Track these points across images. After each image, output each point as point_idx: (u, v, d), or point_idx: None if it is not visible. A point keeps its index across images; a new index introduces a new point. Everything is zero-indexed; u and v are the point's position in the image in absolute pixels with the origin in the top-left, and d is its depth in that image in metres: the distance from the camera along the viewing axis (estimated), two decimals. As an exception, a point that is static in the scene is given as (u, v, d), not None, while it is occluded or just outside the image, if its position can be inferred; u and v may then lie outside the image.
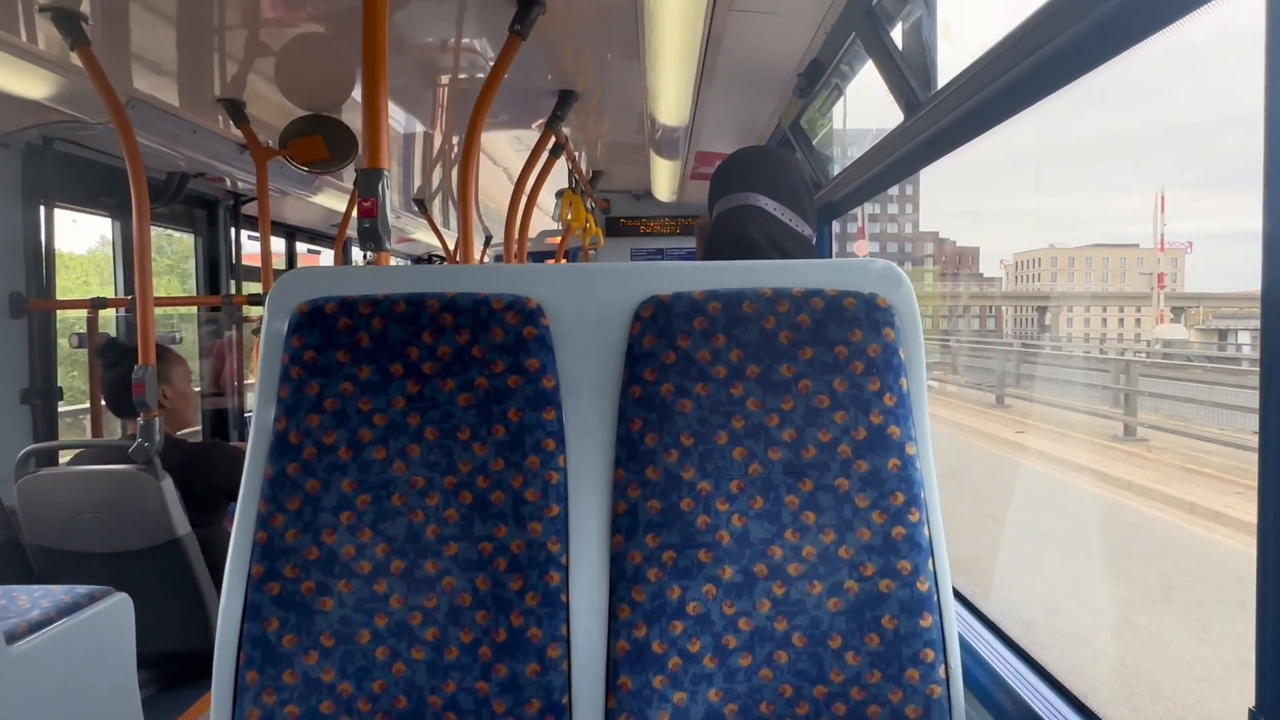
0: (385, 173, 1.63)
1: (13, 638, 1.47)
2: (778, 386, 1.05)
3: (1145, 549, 8.46)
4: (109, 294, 3.61)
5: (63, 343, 3.17)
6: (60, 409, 3.05)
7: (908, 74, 1.62)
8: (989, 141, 1.42)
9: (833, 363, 1.05)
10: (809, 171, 2.69)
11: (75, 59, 2.18)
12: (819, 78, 2.47)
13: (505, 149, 4.17)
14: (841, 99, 2.76)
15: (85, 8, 2.09)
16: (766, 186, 1.42)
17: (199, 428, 4.10)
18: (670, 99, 2.85)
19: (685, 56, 2.38)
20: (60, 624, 1.58)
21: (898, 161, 1.74)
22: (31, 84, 2.39)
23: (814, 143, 2.91)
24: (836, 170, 2.52)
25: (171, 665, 2.35)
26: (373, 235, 1.61)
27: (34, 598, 1.62)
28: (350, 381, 1.07)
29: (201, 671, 2.32)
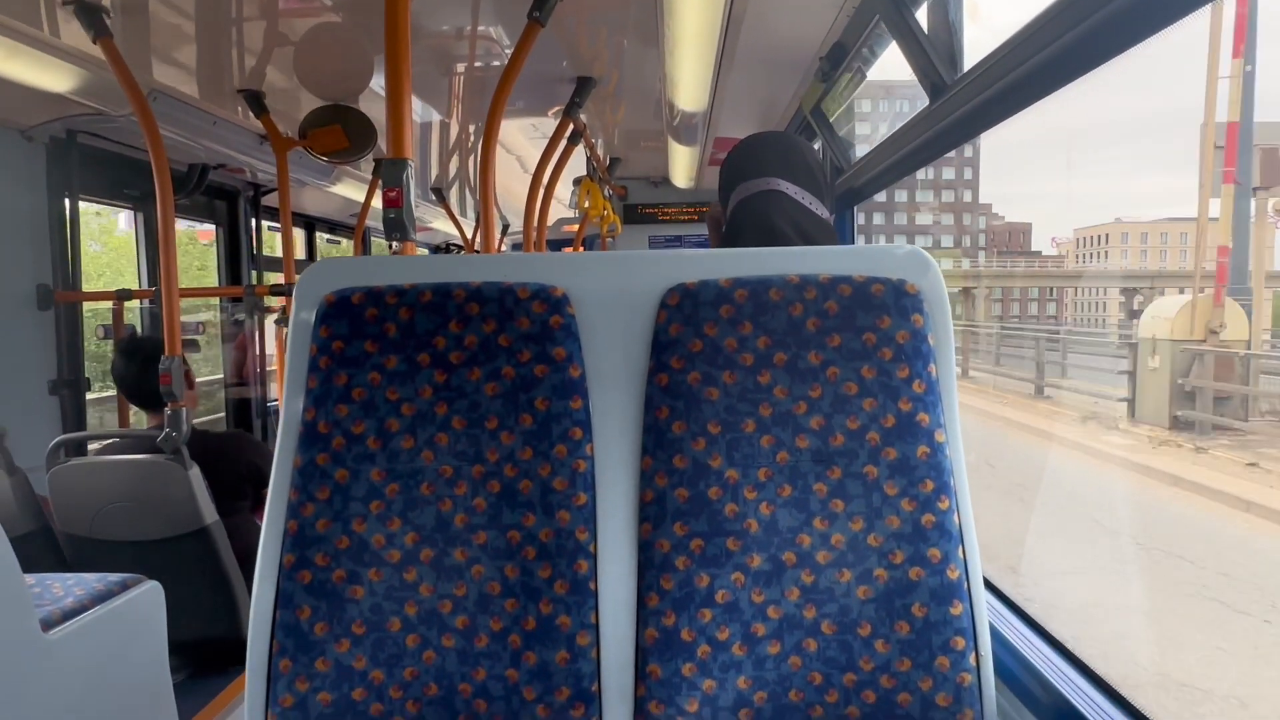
0: (410, 163, 1.63)
1: (48, 625, 1.50)
2: (805, 374, 1.05)
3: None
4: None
5: (93, 339, 3.21)
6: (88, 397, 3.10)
7: (933, 57, 1.60)
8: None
9: (861, 349, 1.04)
10: (831, 156, 2.67)
11: (97, 52, 2.19)
12: (841, 61, 2.44)
13: (522, 137, 4.17)
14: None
15: (106, 0, 2.10)
16: (787, 171, 1.41)
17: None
18: (689, 84, 2.82)
19: (704, 40, 2.36)
20: (94, 611, 1.60)
21: (922, 146, 1.72)
22: (55, 77, 2.41)
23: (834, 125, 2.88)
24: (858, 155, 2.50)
25: (202, 651, 2.38)
26: (398, 225, 1.62)
27: (68, 586, 1.65)
28: (378, 371, 1.08)
29: (231, 658, 2.37)
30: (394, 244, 1.68)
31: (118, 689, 1.67)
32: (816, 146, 2.82)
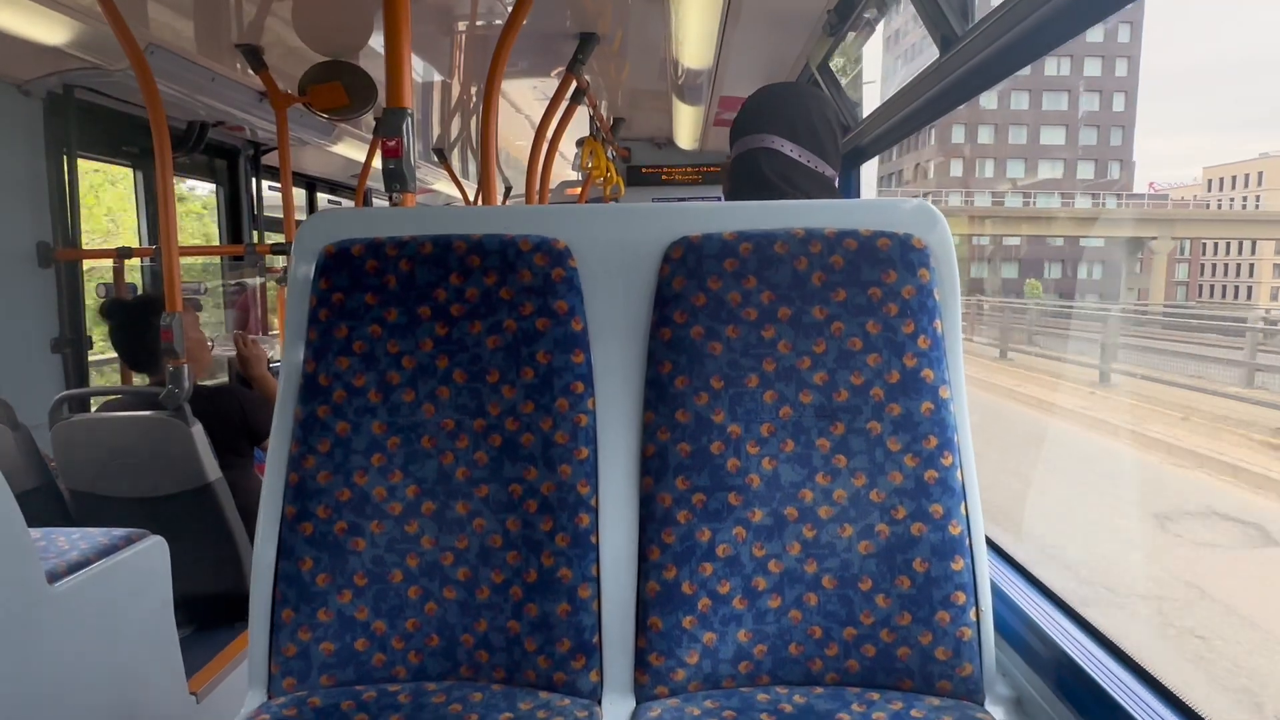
0: (409, 112, 1.61)
1: (54, 577, 1.51)
2: (809, 329, 1.04)
3: None
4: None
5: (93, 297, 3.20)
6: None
7: (944, 6, 1.56)
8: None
9: (866, 304, 1.03)
10: (838, 114, 2.63)
11: (93, 4, 2.15)
12: (850, 14, 2.39)
13: (525, 97, 4.11)
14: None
15: None
16: (781, 127, 1.40)
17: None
18: (694, 41, 2.77)
19: (711, -6, 2.32)
20: (98, 564, 1.61)
21: (931, 100, 1.68)
22: (51, 29, 2.37)
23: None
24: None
25: (206, 606, 2.41)
26: (398, 176, 1.60)
27: (73, 539, 1.66)
28: (378, 324, 1.07)
29: (235, 613, 2.40)
30: (394, 196, 1.66)
31: (123, 641, 1.68)
32: None
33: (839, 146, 1.45)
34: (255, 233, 4.33)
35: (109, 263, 3.13)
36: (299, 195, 5.10)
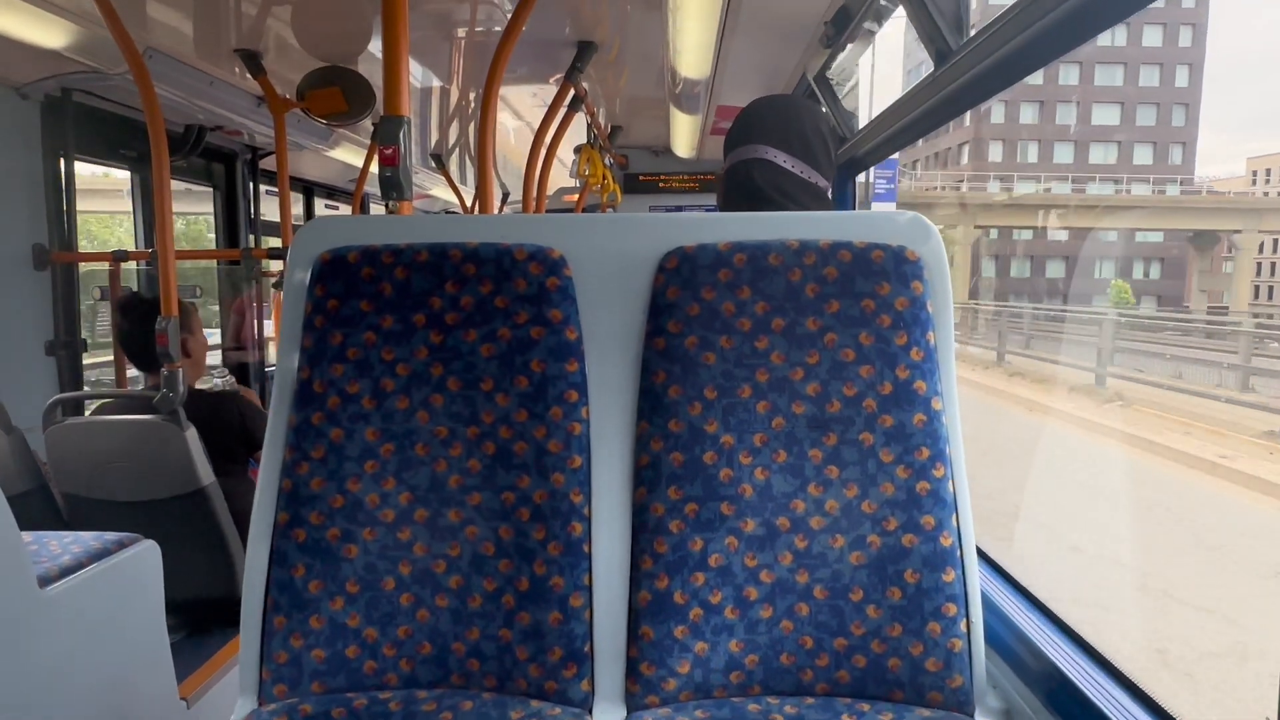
0: (407, 120, 1.61)
1: (45, 581, 1.50)
2: (803, 339, 1.04)
3: None
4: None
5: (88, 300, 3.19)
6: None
7: (939, 21, 1.57)
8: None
9: (859, 316, 1.04)
10: (832, 123, 2.64)
11: (93, 7, 2.16)
12: (846, 26, 2.40)
13: (523, 103, 4.12)
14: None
15: None
16: (774, 138, 1.41)
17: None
18: (692, 50, 2.79)
19: (708, 4, 2.32)
20: (90, 569, 1.61)
21: (927, 113, 1.69)
22: (49, 33, 2.37)
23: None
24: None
25: (199, 611, 2.40)
26: (394, 184, 1.61)
27: (65, 543, 1.66)
28: (373, 331, 1.07)
29: (228, 618, 2.39)
30: (390, 204, 1.67)
31: (115, 646, 1.68)
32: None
33: (832, 157, 1.47)
34: (252, 237, 4.34)
35: (104, 266, 3.13)
36: (296, 200, 5.10)
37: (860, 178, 2.50)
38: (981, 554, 1.27)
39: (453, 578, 1.06)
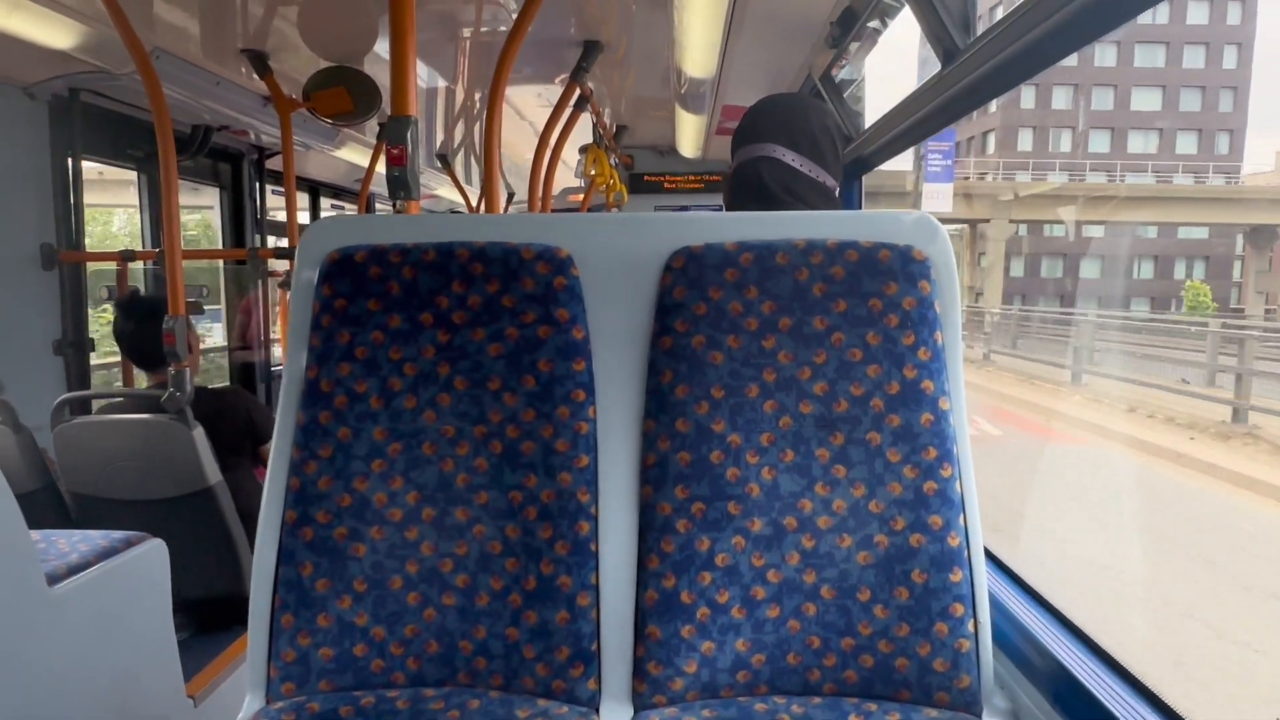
0: (414, 119, 1.61)
1: (54, 579, 1.51)
2: (810, 339, 1.04)
3: None
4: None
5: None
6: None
7: (946, 20, 1.57)
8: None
9: (866, 315, 1.04)
10: (840, 125, 2.63)
11: (100, 8, 2.17)
12: (853, 26, 2.40)
13: (529, 103, 4.13)
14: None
15: None
16: (782, 136, 1.41)
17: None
18: (697, 49, 2.79)
19: (714, 4, 2.33)
20: (98, 567, 1.62)
21: (934, 112, 1.69)
22: (57, 33, 2.38)
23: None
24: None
25: (206, 610, 2.41)
26: (402, 184, 1.61)
27: (73, 542, 1.66)
28: (381, 330, 1.07)
29: (235, 616, 2.40)
30: (398, 204, 1.67)
31: (122, 644, 1.68)
32: None
33: (840, 156, 1.47)
34: (258, 237, 4.35)
35: (112, 266, 3.14)
36: (302, 200, 5.11)
37: (909, 155, 2.49)
38: (989, 554, 1.27)
39: (460, 576, 1.06)
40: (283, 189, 3.27)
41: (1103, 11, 1.06)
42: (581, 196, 5.43)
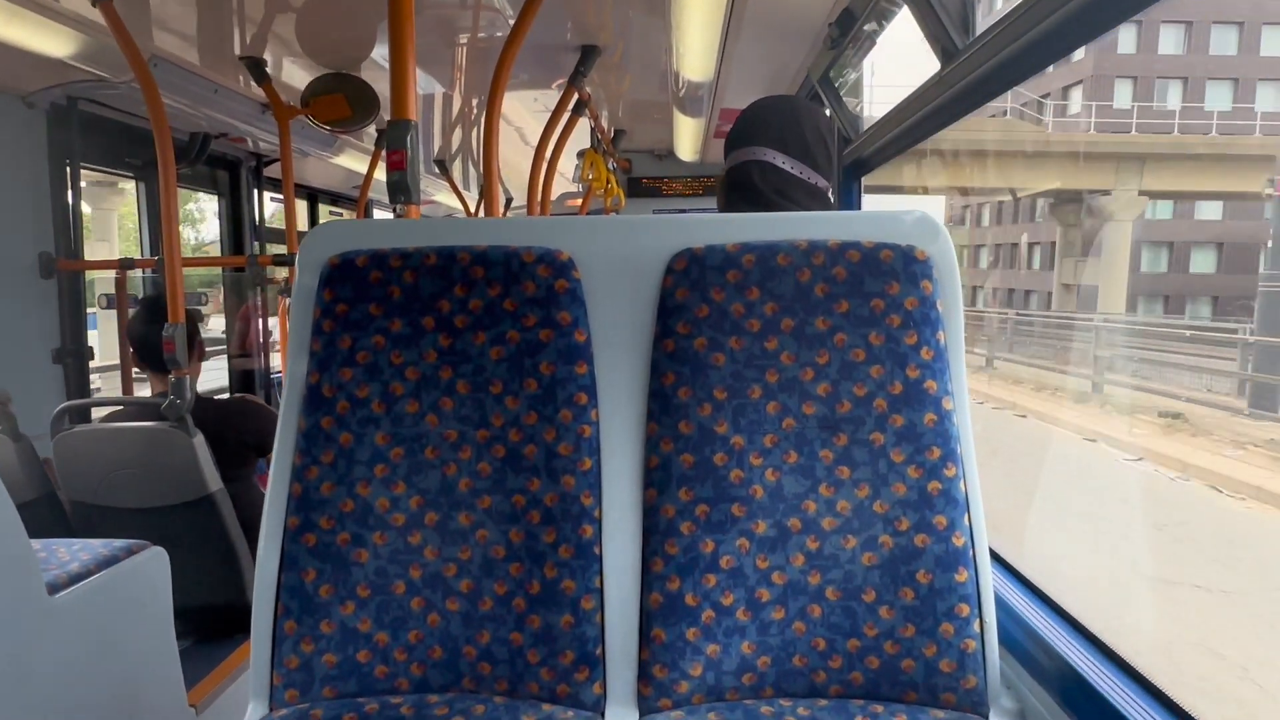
0: (414, 124, 1.61)
1: (54, 588, 1.50)
2: (812, 340, 1.04)
3: None
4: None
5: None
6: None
7: (945, 20, 1.57)
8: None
9: (869, 316, 1.03)
10: (837, 125, 2.63)
11: (98, 16, 2.17)
12: (851, 27, 2.40)
13: (527, 109, 4.13)
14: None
15: None
16: (772, 139, 1.42)
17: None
18: (695, 53, 2.79)
19: (711, 7, 2.33)
20: (99, 575, 1.61)
21: (933, 113, 1.69)
22: (55, 42, 2.38)
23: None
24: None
25: (207, 618, 2.40)
26: (402, 188, 1.60)
27: (73, 550, 1.66)
28: (382, 335, 1.07)
29: (236, 625, 2.39)
30: (398, 209, 1.67)
31: (123, 653, 1.68)
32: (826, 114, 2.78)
33: (832, 158, 1.47)
34: (257, 244, 4.35)
35: (111, 274, 3.14)
36: (300, 207, 5.11)
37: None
38: (994, 554, 1.26)
39: (463, 581, 1.06)
40: (281, 196, 3.27)
41: (1102, 11, 1.06)
42: (579, 202, 5.42)
